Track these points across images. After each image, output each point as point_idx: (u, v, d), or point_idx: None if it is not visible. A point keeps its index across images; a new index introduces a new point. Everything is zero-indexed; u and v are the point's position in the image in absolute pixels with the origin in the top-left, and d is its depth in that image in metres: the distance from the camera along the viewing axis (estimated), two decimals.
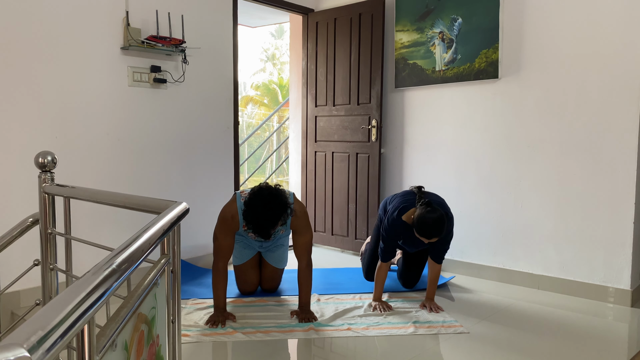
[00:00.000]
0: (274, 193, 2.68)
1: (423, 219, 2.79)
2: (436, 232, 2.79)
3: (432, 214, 2.79)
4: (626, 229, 3.13)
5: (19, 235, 1.97)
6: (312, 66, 4.62)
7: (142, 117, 3.48)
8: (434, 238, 2.82)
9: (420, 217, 2.81)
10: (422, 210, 2.82)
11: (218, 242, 2.83)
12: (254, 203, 2.65)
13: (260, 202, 2.64)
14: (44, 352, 0.64)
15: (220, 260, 2.81)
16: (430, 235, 2.80)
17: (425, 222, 2.78)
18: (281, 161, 9.39)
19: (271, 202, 2.63)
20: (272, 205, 2.63)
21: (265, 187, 2.72)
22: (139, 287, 1.21)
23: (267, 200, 2.64)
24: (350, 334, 2.65)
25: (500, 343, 2.58)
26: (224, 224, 2.82)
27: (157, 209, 1.44)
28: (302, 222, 2.86)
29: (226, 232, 2.82)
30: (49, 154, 1.82)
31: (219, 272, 2.79)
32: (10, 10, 2.86)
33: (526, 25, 3.45)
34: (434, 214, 2.79)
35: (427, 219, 2.78)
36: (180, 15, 3.60)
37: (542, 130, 3.43)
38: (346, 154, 4.42)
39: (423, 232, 2.80)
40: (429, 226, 2.77)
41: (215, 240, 2.84)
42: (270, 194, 2.67)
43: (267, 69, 21.29)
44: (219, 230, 2.83)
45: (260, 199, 2.65)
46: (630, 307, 3.11)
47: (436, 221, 2.78)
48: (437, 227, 2.78)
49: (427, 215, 2.79)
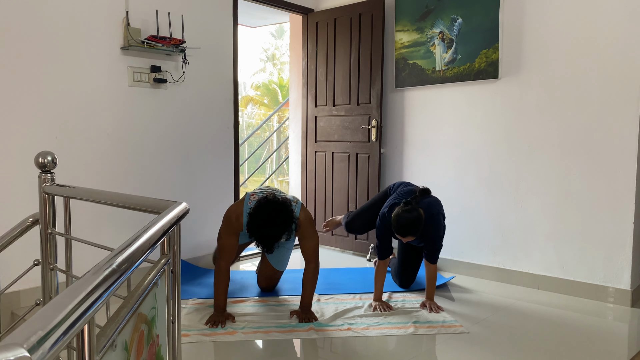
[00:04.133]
0: (279, 209, 2.64)
1: (398, 218, 2.85)
2: (409, 231, 2.84)
3: (407, 214, 2.84)
4: (626, 229, 3.13)
5: (19, 235, 1.97)
6: (312, 66, 4.62)
7: (142, 117, 3.48)
8: (408, 237, 2.87)
9: (396, 215, 2.87)
10: (400, 210, 2.88)
11: (221, 241, 2.83)
12: (258, 217, 2.62)
13: (264, 217, 2.61)
14: (44, 352, 0.64)
15: (223, 260, 2.81)
16: (403, 234, 2.86)
17: (399, 220, 2.84)
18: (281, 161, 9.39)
19: (275, 219, 2.61)
20: (277, 221, 2.61)
21: (271, 201, 2.67)
22: (139, 287, 1.21)
23: (272, 216, 2.61)
24: (350, 334, 2.65)
25: (500, 343, 2.58)
26: (228, 224, 2.82)
27: (157, 209, 1.44)
28: (308, 230, 2.85)
29: (230, 232, 2.82)
30: (49, 154, 1.82)
31: (221, 271, 2.79)
32: (11, 11, 2.86)
33: (526, 25, 3.45)
34: (410, 214, 2.84)
35: (401, 218, 2.84)
36: (180, 15, 3.60)
37: (542, 130, 3.43)
38: (346, 154, 4.42)
39: (397, 230, 2.86)
40: (402, 225, 2.83)
41: (219, 239, 2.84)
42: (275, 210, 2.63)
43: (267, 69, 21.28)
44: (223, 230, 2.83)
45: (265, 213, 2.61)
46: (630, 307, 3.11)
47: (410, 221, 2.82)
48: (409, 227, 2.83)
49: (403, 214, 2.85)
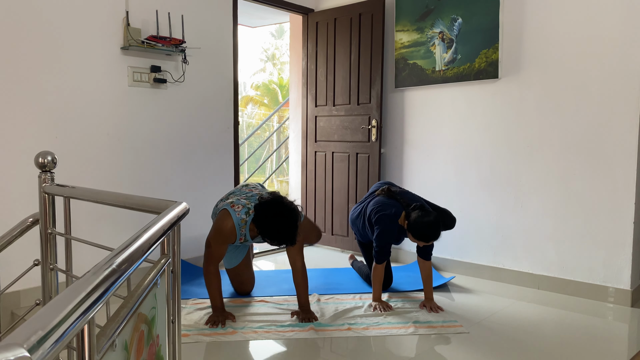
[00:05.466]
0: (282, 202, 2.73)
1: (420, 224, 2.84)
2: (434, 235, 2.85)
3: (427, 218, 2.84)
4: (626, 229, 3.13)
5: (19, 235, 1.97)
6: (312, 66, 4.62)
7: (142, 117, 3.48)
8: (431, 241, 2.88)
9: (417, 222, 2.85)
10: (416, 215, 2.87)
11: (211, 249, 2.83)
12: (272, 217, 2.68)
13: (277, 214, 2.67)
14: (44, 352, 0.64)
15: (212, 265, 2.82)
16: (428, 239, 2.87)
17: (422, 226, 2.83)
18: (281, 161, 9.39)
19: (284, 211, 2.68)
20: (285, 212, 2.68)
21: (272, 201, 2.73)
22: (139, 287, 1.21)
23: (280, 209, 2.68)
24: (350, 334, 2.65)
25: (500, 343, 2.58)
26: (220, 237, 2.82)
27: (157, 209, 1.44)
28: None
29: (222, 242, 2.84)
30: (49, 154, 1.82)
31: (210, 274, 2.81)
32: (11, 11, 2.86)
33: (526, 25, 3.45)
34: (429, 218, 2.84)
35: (424, 223, 2.83)
36: (180, 15, 3.60)
37: (542, 130, 3.43)
38: (346, 154, 4.42)
39: (421, 237, 2.86)
40: (427, 230, 2.83)
41: (208, 247, 2.84)
42: (280, 204, 2.71)
43: (267, 69, 21.28)
44: (214, 241, 2.83)
45: (276, 212, 2.68)
46: (630, 307, 3.11)
47: (433, 225, 2.84)
48: (435, 230, 2.84)
49: (424, 220, 2.84)
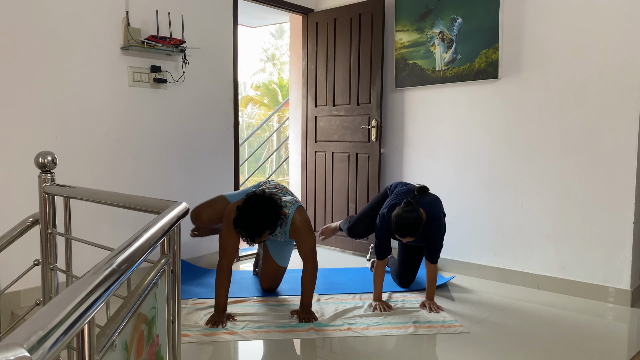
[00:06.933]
0: (266, 203, 2.65)
1: (397, 218, 2.84)
2: (408, 232, 2.83)
3: (407, 214, 2.83)
4: (626, 229, 3.13)
5: (19, 235, 1.97)
6: (312, 66, 4.62)
7: (142, 117, 3.48)
8: (407, 237, 2.86)
9: (396, 216, 2.85)
10: (399, 210, 2.87)
11: (223, 240, 2.84)
12: (244, 210, 2.64)
13: (249, 211, 2.62)
14: (44, 352, 0.64)
15: (225, 259, 2.81)
16: (402, 235, 2.85)
17: (398, 221, 2.83)
18: (281, 161, 9.39)
19: (260, 213, 2.61)
20: (262, 215, 2.61)
21: (259, 196, 2.68)
22: (139, 287, 1.21)
23: (257, 210, 2.61)
24: (350, 334, 2.65)
25: (500, 343, 2.58)
26: (227, 223, 2.81)
27: (157, 209, 1.44)
28: (303, 232, 2.86)
29: (230, 230, 2.82)
30: (49, 154, 1.82)
31: (222, 271, 2.80)
32: (11, 11, 2.86)
33: (526, 25, 3.45)
34: (410, 215, 2.83)
35: (401, 218, 2.83)
36: (180, 15, 3.60)
37: (542, 130, 3.43)
38: (346, 154, 4.42)
39: (396, 231, 2.85)
40: (401, 226, 2.82)
41: (221, 238, 2.85)
42: (261, 204, 2.64)
43: (267, 69, 21.28)
44: (224, 229, 2.84)
45: (251, 207, 2.62)
46: (630, 307, 3.11)
47: (410, 222, 2.81)
48: (409, 227, 2.82)
49: (403, 214, 2.83)
